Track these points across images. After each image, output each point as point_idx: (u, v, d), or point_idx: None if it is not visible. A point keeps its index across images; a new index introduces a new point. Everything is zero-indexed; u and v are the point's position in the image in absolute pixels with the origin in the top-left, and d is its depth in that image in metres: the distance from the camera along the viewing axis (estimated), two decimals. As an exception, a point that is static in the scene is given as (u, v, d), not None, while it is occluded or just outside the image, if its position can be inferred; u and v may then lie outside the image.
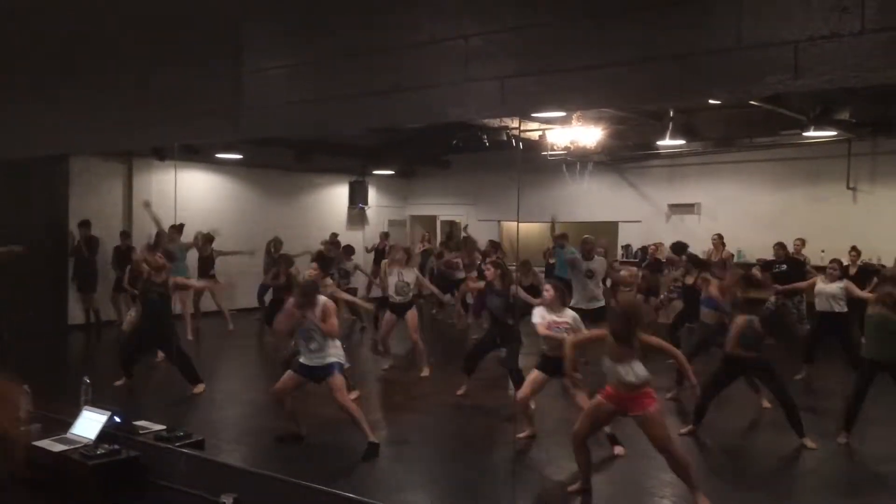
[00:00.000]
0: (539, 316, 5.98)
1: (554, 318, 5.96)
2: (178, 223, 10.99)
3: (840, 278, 8.35)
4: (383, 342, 9.09)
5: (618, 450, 5.90)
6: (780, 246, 11.12)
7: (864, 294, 7.50)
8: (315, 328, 5.95)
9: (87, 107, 5.46)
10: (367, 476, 5.55)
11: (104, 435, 4.96)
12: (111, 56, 5.30)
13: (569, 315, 6.04)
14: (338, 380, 5.94)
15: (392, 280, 8.79)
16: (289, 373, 6.10)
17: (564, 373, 5.38)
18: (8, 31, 5.55)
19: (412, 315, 8.71)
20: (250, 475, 4.56)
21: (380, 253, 13.27)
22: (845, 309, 8.16)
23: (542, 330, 5.92)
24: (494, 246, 11.37)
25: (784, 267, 10.77)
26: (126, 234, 12.01)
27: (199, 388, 7.72)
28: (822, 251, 11.87)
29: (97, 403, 5.29)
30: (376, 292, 11.62)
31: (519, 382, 6.51)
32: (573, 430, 5.06)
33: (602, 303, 8.76)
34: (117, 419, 5.11)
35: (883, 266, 11.28)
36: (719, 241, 12.25)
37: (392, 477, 5.69)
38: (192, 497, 4.63)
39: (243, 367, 10.35)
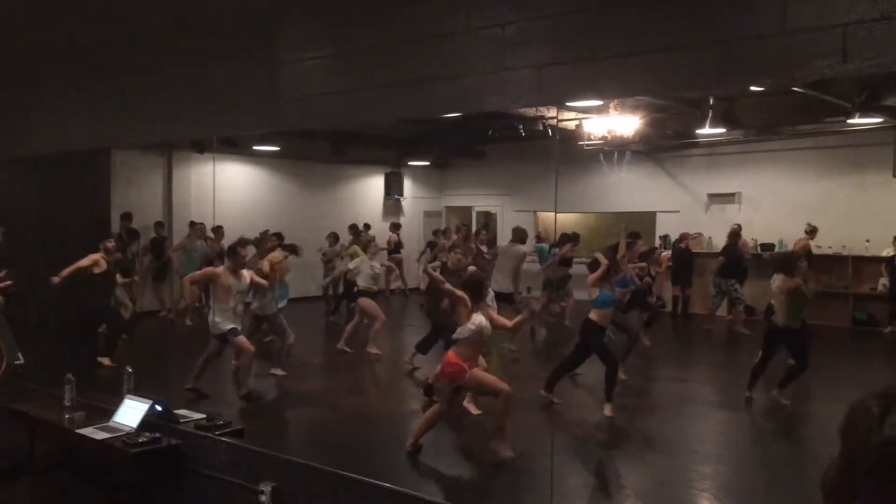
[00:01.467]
0: None
1: None
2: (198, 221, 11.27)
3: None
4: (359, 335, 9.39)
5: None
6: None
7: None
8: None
9: (126, 101, 5.54)
10: (405, 467, 5.56)
11: (146, 423, 5.06)
12: (149, 51, 5.38)
13: None
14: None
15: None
16: None
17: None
18: (49, 29, 5.65)
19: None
20: (289, 464, 4.59)
21: (394, 247, 13.06)
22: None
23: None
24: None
25: None
26: (160, 225, 12.20)
27: (105, 361, 8.12)
28: (867, 241, 11.59)
29: (139, 392, 5.40)
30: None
31: None
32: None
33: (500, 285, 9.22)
34: (158, 408, 5.20)
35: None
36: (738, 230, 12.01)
37: (428, 468, 5.70)
38: (231, 485, 4.70)
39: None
